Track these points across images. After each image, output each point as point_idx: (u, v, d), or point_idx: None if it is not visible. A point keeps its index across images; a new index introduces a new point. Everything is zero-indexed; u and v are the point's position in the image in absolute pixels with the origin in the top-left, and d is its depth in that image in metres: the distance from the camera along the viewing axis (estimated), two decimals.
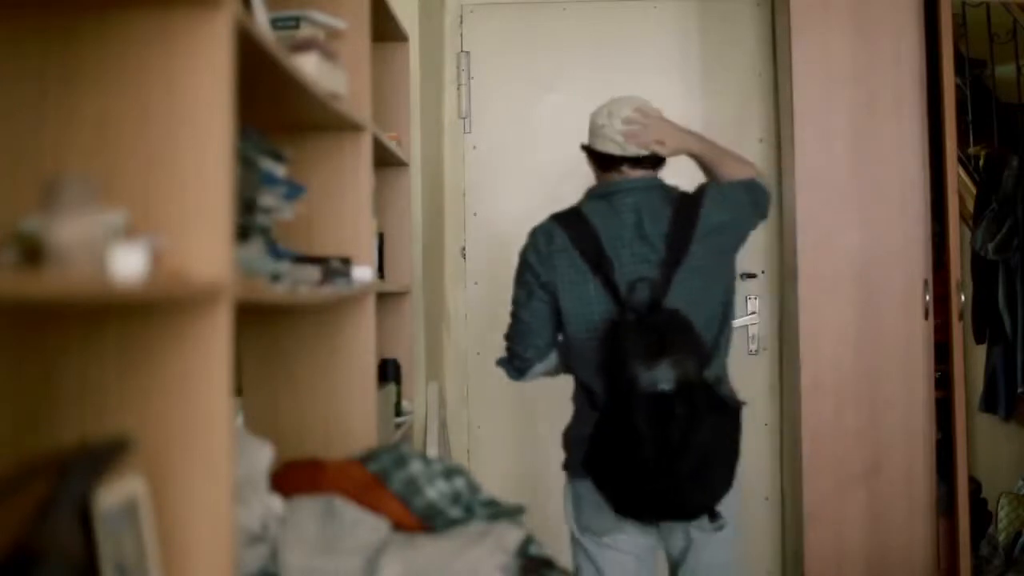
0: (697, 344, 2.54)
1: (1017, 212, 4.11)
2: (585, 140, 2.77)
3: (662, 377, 2.47)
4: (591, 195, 2.75)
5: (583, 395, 2.69)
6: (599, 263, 2.61)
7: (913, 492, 3.73)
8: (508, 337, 2.78)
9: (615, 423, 2.51)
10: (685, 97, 4.11)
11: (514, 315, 2.75)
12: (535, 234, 2.73)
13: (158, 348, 1.32)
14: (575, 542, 2.78)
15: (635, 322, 2.53)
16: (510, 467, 4.03)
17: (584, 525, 2.73)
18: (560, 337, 2.74)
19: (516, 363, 2.77)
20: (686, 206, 2.67)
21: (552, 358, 2.76)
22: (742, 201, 2.73)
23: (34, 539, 1.10)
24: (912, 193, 3.75)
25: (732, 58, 4.14)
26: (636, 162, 2.69)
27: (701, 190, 2.73)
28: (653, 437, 2.47)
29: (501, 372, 3.86)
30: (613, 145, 2.68)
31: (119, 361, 1.33)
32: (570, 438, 2.75)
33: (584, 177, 4.10)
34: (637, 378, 2.46)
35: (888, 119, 3.75)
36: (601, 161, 2.72)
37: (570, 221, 2.69)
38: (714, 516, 2.59)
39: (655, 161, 2.71)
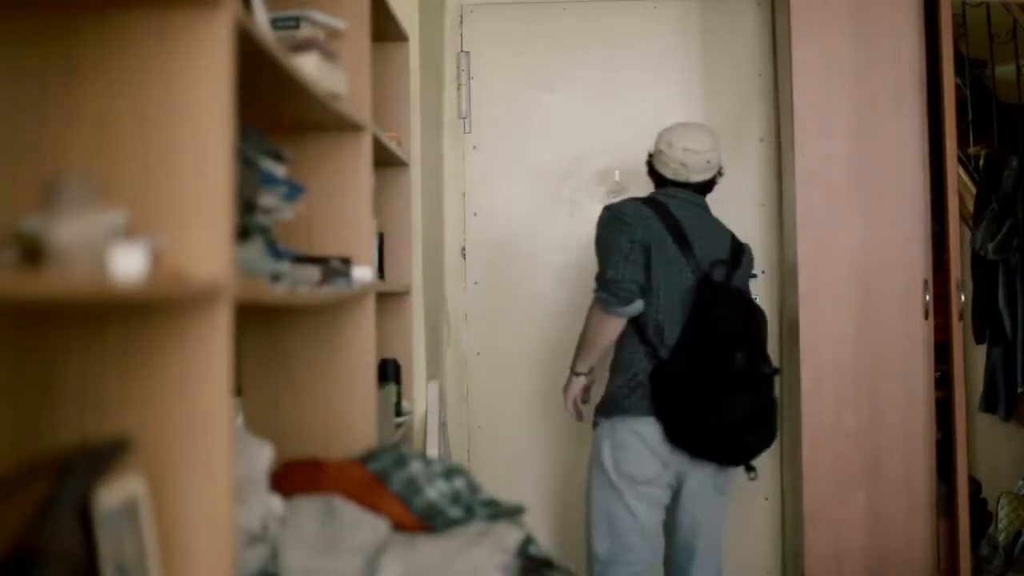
0: (764, 317, 3.12)
1: (1017, 212, 4.11)
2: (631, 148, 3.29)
3: (752, 333, 2.99)
4: (657, 193, 3.14)
5: (642, 347, 2.99)
6: (679, 237, 3.01)
7: (913, 492, 3.72)
8: (614, 274, 2.98)
9: (707, 366, 2.90)
10: (685, 96, 4.11)
11: (620, 259, 2.99)
12: (622, 206, 3.09)
13: (158, 348, 1.32)
14: (610, 487, 3.00)
15: (725, 286, 3.00)
16: (510, 467, 4.03)
17: (625, 473, 2.98)
18: None
19: (624, 294, 2.98)
20: (733, 235, 3.18)
21: (640, 304, 2.99)
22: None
23: (34, 539, 1.10)
24: (912, 193, 3.75)
25: (732, 58, 4.13)
26: (684, 187, 3.11)
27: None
28: (749, 382, 2.91)
29: (500, 372, 3.86)
30: (668, 171, 3.12)
31: (119, 361, 1.33)
32: (619, 386, 3.01)
33: (584, 177, 4.10)
34: (733, 327, 2.93)
35: (888, 119, 3.75)
36: (657, 178, 3.17)
37: (649, 201, 3.09)
38: (751, 466, 3.05)
39: (702, 189, 3.13)
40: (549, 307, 4.00)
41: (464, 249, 4.12)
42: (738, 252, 3.14)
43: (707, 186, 3.15)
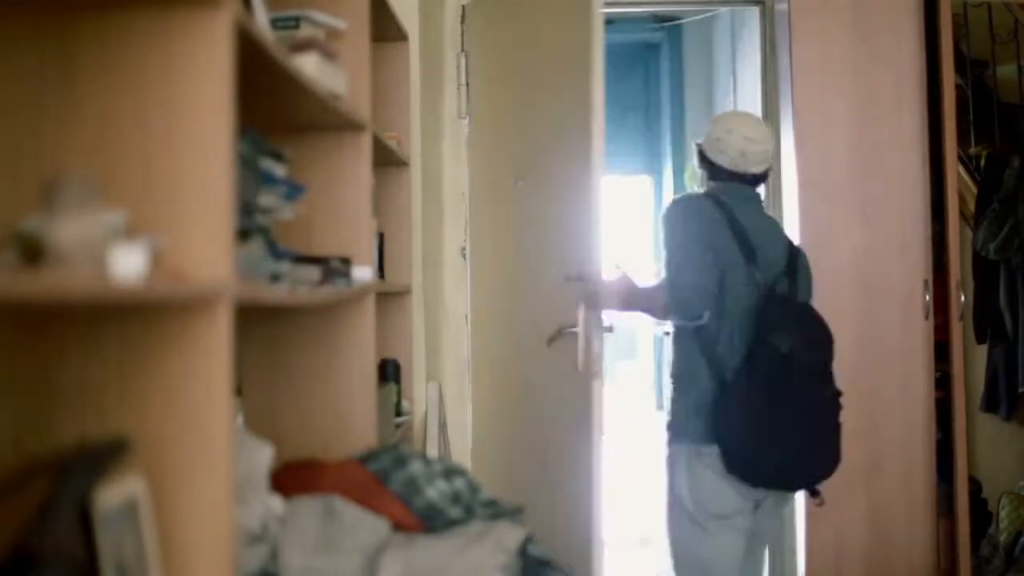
0: (830, 333, 2.89)
1: (1018, 212, 4.11)
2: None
3: (818, 354, 2.82)
4: (720, 191, 2.95)
5: (706, 365, 2.84)
6: (745, 247, 2.85)
7: (913, 492, 3.73)
8: (685, 281, 2.82)
9: (769, 394, 2.74)
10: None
11: (690, 265, 2.82)
12: (699, 203, 2.92)
13: (158, 348, 1.32)
14: (693, 522, 2.85)
15: (790, 302, 2.87)
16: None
17: (707, 507, 2.83)
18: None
19: (691, 310, 2.84)
20: (784, 234, 3.08)
21: (705, 316, 2.87)
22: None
23: (34, 539, 1.10)
24: (912, 193, 3.75)
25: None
26: (740, 178, 2.95)
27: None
28: (812, 409, 2.78)
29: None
30: (726, 159, 2.94)
31: (119, 361, 1.33)
32: (685, 408, 2.88)
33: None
34: (796, 351, 2.76)
35: (888, 119, 3.75)
36: (710, 168, 3.00)
37: (719, 203, 2.90)
38: (816, 491, 2.90)
39: (755, 182, 2.98)
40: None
41: (464, 249, 4.12)
42: (794, 257, 2.98)
43: (761, 179, 3.00)
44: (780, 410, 2.74)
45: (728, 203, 2.90)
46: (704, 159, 3.01)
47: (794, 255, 2.98)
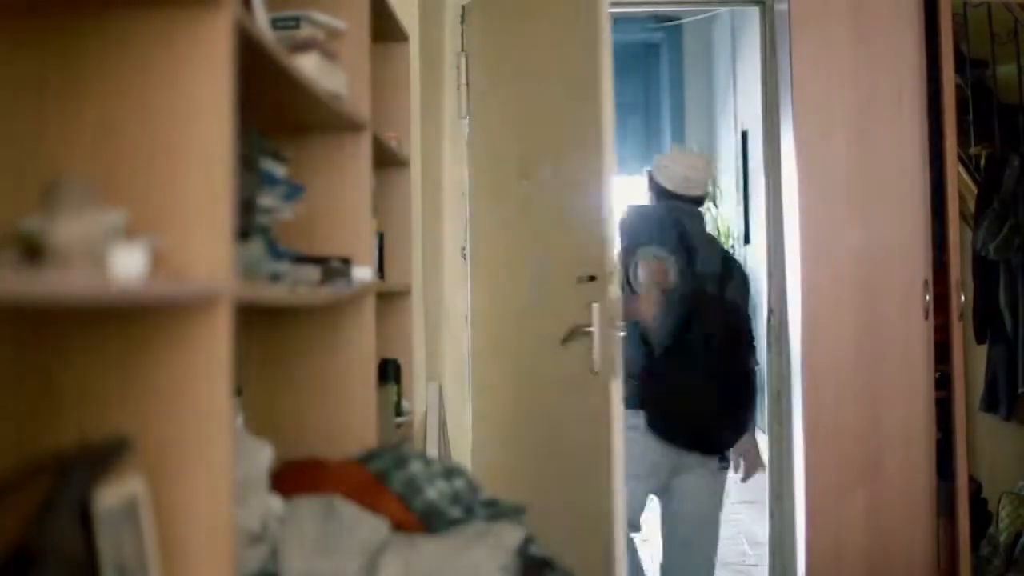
0: (748, 324, 3.60)
1: (1018, 212, 4.11)
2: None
3: (732, 338, 3.45)
4: (667, 204, 3.55)
5: (642, 345, 3.41)
6: (687, 248, 3.41)
7: (913, 492, 3.72)
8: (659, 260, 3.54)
9: (687, 365, 3.37)
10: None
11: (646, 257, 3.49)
12: (654, 209, 3.56)
13: (158, 348, 1.32)
14: (642, 488, 3.47)
15: (716, 297, 3.45)
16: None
17: (647, 471, 3.43)
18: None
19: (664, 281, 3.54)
20: (724, 249, 3.83)
21: None
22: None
23: (34, 539, 1.10)
24: (912, 193, 3.75)
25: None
26: (681, 199, 3.55)
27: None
28: (723, 379, 3.41)
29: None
30: (671, 183, 3.57)
31: (119, 361, 1.33)
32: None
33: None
34: (715, 335, 3.39)
35: (888, 119, 3.75)
36: (658, 190, 3.59)
37: (669, 212, 3.52)
38: (725, 457, 3.54)
39: (695, 202, 3.58)
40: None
41: (464, 249, 4.11)
42: (729, 268, 3.57)
43: (699, 201, 3.62)
44: (694, 379, 3.34)
45: (675, 212, 3.52)
46: (652, 182, 3.62)
47: (729, 266, 3.57)
